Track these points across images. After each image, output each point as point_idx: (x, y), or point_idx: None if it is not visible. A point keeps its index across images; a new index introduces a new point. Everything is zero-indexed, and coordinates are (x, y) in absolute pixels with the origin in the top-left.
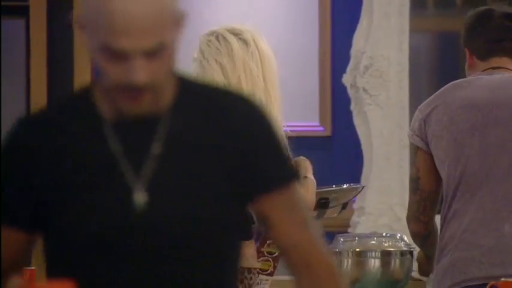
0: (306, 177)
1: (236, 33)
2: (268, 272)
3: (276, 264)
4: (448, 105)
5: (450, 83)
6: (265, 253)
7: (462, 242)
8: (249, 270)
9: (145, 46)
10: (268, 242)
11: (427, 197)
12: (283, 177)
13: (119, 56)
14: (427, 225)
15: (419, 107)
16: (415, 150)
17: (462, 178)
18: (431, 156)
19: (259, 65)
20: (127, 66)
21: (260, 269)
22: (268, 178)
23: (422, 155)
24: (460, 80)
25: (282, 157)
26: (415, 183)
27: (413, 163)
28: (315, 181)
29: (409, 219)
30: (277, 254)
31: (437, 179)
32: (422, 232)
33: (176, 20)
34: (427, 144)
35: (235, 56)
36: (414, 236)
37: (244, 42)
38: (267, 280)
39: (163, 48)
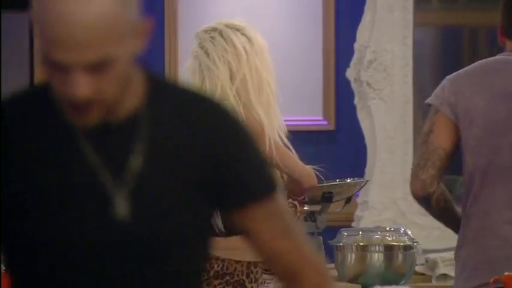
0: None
1: (238, 29)
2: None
3: (299, 211)
4: (484, 89)
5: (484, 62)
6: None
7: (495, 237)
8: (255, 264)
9: (86, 60)
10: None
11: (434, 151)
12: (258, 190)
13: (60, 67)
14: (426, 185)
15: (449, 77)
16: (434, 112)
17: (490, 169)
18: (453, 124)
19: (262, 60)
20: (68, 79)
21: (264, 269)
22: (243, 192)
23: (444, 118)
24: (493, 59)
25: (257, 168)
26: (426, 136)
27: (428, 120)
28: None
29: (411, 178)
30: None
31: (452, 140)
32: (420, 193)
33: (133, 31)
34: (457, 119)
35: (240, 54)
36: (414, 198)
37: (248, 38)
38: (271, 279)
39: (111, 62)
